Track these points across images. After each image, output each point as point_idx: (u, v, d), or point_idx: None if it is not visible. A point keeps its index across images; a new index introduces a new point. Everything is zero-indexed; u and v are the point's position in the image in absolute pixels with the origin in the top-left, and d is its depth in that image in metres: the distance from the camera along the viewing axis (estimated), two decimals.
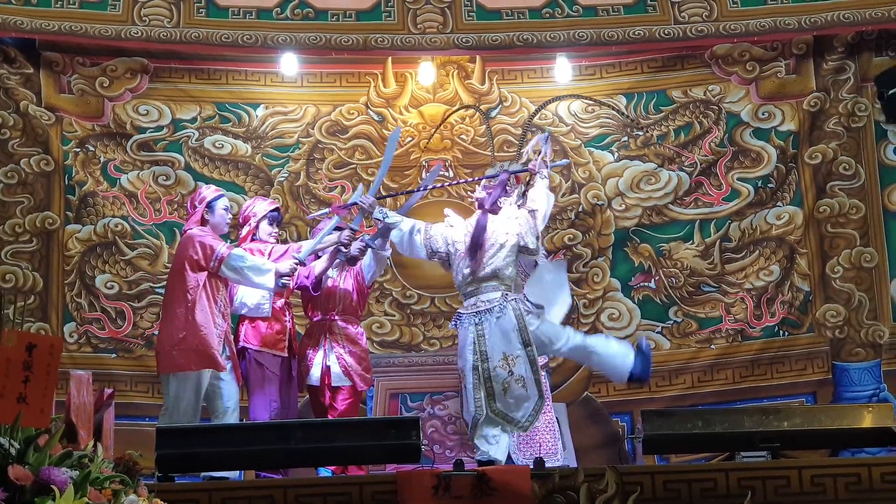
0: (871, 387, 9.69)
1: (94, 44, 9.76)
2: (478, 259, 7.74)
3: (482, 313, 7.68)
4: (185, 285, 7.83)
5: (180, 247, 8.07)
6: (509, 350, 7.59)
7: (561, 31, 9.92)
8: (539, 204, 7.96)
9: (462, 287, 7.84)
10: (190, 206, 8.23)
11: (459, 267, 7.82)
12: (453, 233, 7.88)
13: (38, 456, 3.89)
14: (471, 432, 7.65)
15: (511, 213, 7.88)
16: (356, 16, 9.96)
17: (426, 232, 7.91)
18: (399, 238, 7.97)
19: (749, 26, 9.90)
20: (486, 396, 7.54)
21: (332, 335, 8.32)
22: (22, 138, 9.70)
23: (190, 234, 8.00)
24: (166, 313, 8.01)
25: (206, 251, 7.85)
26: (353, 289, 8.44)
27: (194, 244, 7.89)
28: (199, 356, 7.77)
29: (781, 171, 10.06)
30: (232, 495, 6.80)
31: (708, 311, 9.97)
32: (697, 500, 6.83)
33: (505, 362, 7.59)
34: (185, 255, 7.90)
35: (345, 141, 10.13)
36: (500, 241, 7.73)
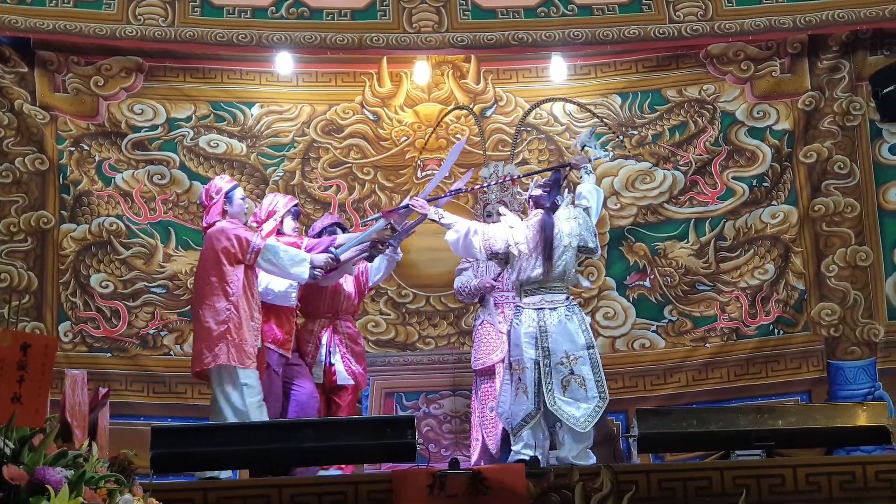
0: (867, 385, 9.69)
1: (89, 43, 9.74)
2: (550, 259, 7.85)
3: (545, 311, 7.81)
4: (224, 279, 7.69)
5: (211, 240, 7.83)
6: (572, 349, 7.72)
7: (556, 30, 9.92)
8: (592, 201, 8.08)
9: (524, 284, 7.92)
10: (206, 198, 8.05)
11: (525, 267, 7.89)
12: (514, 233, 7.97)
13: (32, 455, 3.89)
14: (517, 427, 7.73)
15: (568, 212, 7.98)
16: (351, 15, 9.96)
17: (485, 234, 7.98)
18: (455, 239, 8.01)
19: (744, 25, 9.91)
20: (547, 391, 7.63)
21: (337, 334, 8.35)
22: (16, 137, 9.68)
23: (221, 226, 7.86)
24: (205, 309, 7.74)
25: (242, 243, 7.75)
26: (354, 289, 8.47)
27: (229, 236, 7.77)
28: (240, 352, 7.64)
29: (776, 170, 10.07)
30: (227, 495, 6.80)
31: (703, 310, 9.97)
32: (692, 498, 6.84)
33: (567, 360, 7.72)
34: (220, 248, 7.75)
35: (340, 140, 10.12)
36: (564, 242, 7.87)
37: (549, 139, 10.17)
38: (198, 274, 8.01)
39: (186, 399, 9.61)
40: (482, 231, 7.97)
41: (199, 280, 7.95)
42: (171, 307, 9.76)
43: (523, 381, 7.67)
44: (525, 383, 7.67)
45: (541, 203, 8.03)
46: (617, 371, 9.30)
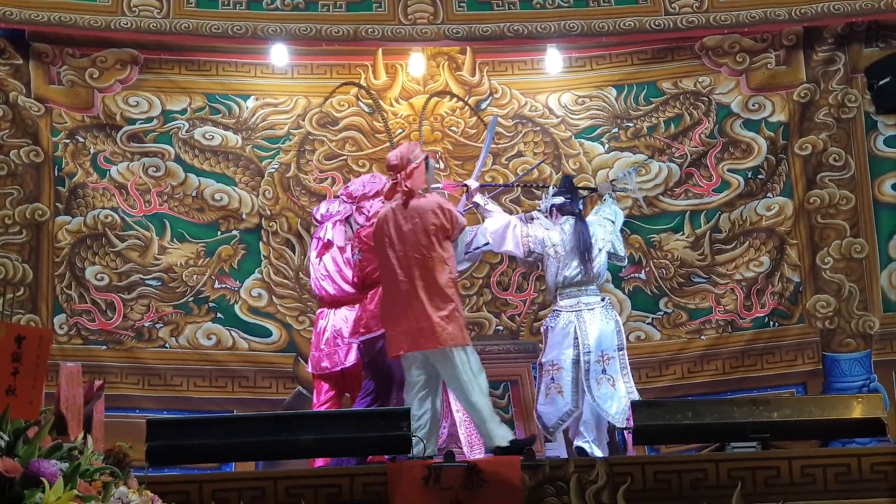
0: (862, 377, 9.70)
1: (84, 35, 9.74)
2: (590, 261, 8.19)
3: (583, 312, 8.15)
4: (446, 254, 7.24)
5: (426, 213, 7.27)
6: (607, 350, 8.08)
7: (551, 21, 9.92)
8: (615, 217, 8.61)
9: (561, 286, 8.18)
10: (401, 162, 7.38)
11: (560, 268, 8.20)
12: (551, 235, 8.28)
13: (27, 448, 3.88)
14: (553, 426, 7.96)
15: (597, 219, 8.44)
16: (346, 6, 9.95)
17: (524, 231, 8.19)
18: (495, 229, 8.23)
19: (739, 17, 9.92)
20: (588, 388, 7.94)
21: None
22: (11, 129, 9.67)
23: (437, 201, 7.39)
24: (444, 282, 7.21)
25: (455, 219, 7.33)
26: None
27: (444, 211, 7.30)
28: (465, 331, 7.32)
29: (771, 162, 10.07)
30: (222, 487, 6.80)
31: (698, 302, 9.98)
32: (687, 490, 6.84)
33: (601, 360, 8.07)
34: (437, 223, 7.27)
35: (335, 132, 10.12)
36: (599, 245, 8.29)
37: (544, 131, 10.16)
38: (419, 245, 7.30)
39: (182, 391, 9.62)
40: (521, 228, 8.13)
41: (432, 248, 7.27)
42: (167, 300, 9.76)
43: (556, 382, 7.89)
44: (559, 383, 7.88)
45: (567, 209, 8.38)
46: None
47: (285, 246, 9.88)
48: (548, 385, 8.09)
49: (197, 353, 9.73)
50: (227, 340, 9.78)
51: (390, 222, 7.34)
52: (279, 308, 9.85)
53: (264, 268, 9.90)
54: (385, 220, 7.38)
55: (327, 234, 8.42)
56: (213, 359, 9.74)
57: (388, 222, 7.35)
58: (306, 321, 9.74)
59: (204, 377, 9.70)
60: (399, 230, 7.30)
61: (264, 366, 9.75)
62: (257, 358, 9.78)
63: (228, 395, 9.67)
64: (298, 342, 9.71)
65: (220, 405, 9.57)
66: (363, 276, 7.92)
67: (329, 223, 8.43)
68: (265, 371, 9.74)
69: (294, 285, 9.87)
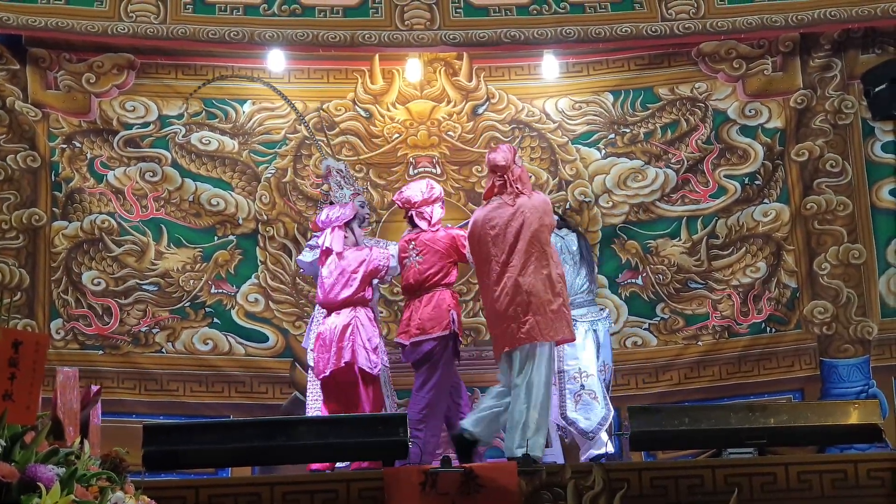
0: (860, 383, 9.69)
1: (81, 40, 9.73)
2: (594, 274, 8.68)
3: (596, 322, 8.51)
4: (552, 251, 7.53)
5: (541, 213, 7.51)
6: (606, 358, 8.51)
7: (548, 27, 9.93)
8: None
9: (573, 296, 8.32)
10: (507, 163, 7.60)
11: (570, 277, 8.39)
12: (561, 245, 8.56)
13: (24, 453, 3.88)
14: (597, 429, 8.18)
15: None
16: (343, 12, 9.96)
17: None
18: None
19: (736, 24, 9.92)
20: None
21: None
22: (8, 134, 9.67)
23: (546, 199, 7.76)
24: (553, 277, 7.41)
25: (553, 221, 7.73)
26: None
27: (552, 210, 7.73)
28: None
29: (768, 168, 10.07)
30: (218, 492, 6.80)
31: (695, 308, 9.97)
32: (684, 496, 6.85)
33: (604, 369, 8.48)
34: (548, 222, 7.55)
35: (332, 137, 10.11)
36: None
37: (541, 137, 10.17)
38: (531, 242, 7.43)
39: (178, 396, 9.62)
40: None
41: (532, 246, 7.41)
42: (163, 304, 9.75)
43: (588, 388, 8.01)
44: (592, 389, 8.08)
45: (572, 226, 8.93)
46: None
47: (282, 251, 9.88)
48: (578, 392, 8.20)
49: (193, 358, 9.72)
50: (224, 345, 9.77)
51: (496, 221, 7.50)
52: (276, 313, 9.84)
53: (261, 273, 9.89)
54: (488, 220, 7.54)
55: (325, 241, 8.46)
56: (210, 364, 9.73)
57: (493, 221, 7.51)
58: (303, 326, 9.72)
59: (200, 382, 9.69)
60: (507, 228, 7.44)
61: (261, 371, 9.74)
62: (254, 363, 9.77)
63: (225, 401, 9.66)
64: (295, 347, 9.70)
65: (216, 410, 9.56)
66: (422, 280, 8.20)
67: (328, 229, 8.49)
68: (262, 376, 9.73)
69: (291, 290, 9.87)
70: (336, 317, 8.35)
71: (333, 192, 8.90)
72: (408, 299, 8.39)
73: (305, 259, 8.97)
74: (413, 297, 8.29)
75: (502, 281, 7.38)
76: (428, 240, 8.27)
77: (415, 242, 8.34)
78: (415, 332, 8.11)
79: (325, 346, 8.28)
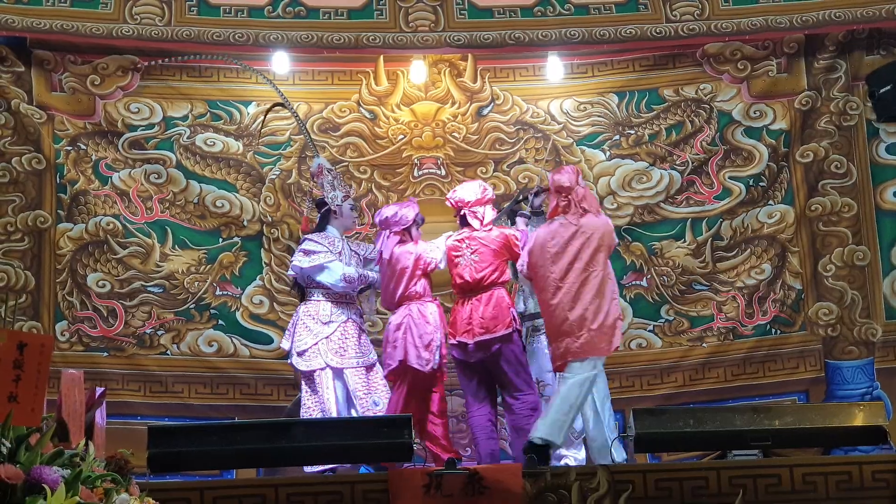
0: (864, 385, 9.69)
1: (86, 42, 9.73)
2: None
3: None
4: (609, 270, 7.82)
5: (602, 233, 7.80)
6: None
7: (553, 29, 9.92)
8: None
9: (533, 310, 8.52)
10: (573, 184, 7.90)
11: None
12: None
13: (29, 455, 3.88)
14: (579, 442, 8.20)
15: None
16: (348, 14, 9.95)
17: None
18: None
19: (740, 25, 9.92)
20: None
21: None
22: (13, 137, 9.67)
23: (608, 221, 8.06)
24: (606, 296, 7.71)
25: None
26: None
27: (612, 232, 7.98)
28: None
29: (773, 170, 10.06)
30: (223, 494, 6.81)
31: (700, 310, 9.96)
32: (689, 498, 6.85)
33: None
34: (608, 242, 7.85)
35: (336, 139, 10.11)
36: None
37: (545, 138, 10.16)
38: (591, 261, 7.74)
39: (183, 398, 9.62)
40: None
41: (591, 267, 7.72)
42: (168, 307, 9.75)
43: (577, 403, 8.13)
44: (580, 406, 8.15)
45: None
46: (613, 371, 9.26)
47: (287, 253, 9.86)
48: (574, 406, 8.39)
49: (198, 360, 9.72)
50: (229, 347, 9.78)
51: (556, 240, 7.74)
52: (280, 315, 9.83)
53: (266, 275, 9.90)
54: (549, 237, 7.77)
55: (380, 243, 8.56)
56: (215, 366, 9.73)
57: (554, 240, 7.75)
58: None
59: (205, 384, 9.70)
60: (567, 246, 7.69)
61: (266, 373, 9.74)
62: (259, 365, 9.77)
63: (230, 402, 9.67)
64: None
65: (221, 412, 9.56)
66: (479, 279, 8.23)
67: (385, 232, 8.52)
68: (266, 378, 9.72)
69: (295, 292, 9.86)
70: (393, 315, 8.42)
71: (325, 193, 8.85)
72: (461, 298, 8.36)
73: (302, 265, 8.67)
74: (468, 296, 8.27)
75: (558, 297, 7.63)
76: (482, 239, 8.31)
77: (468, 241, 8.35)
78: (479, 331, 8.11)
79: (386, 342, 8.41)
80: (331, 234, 8.75)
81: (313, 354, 8.44)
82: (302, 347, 8.47)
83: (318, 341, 8.45)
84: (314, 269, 8.58)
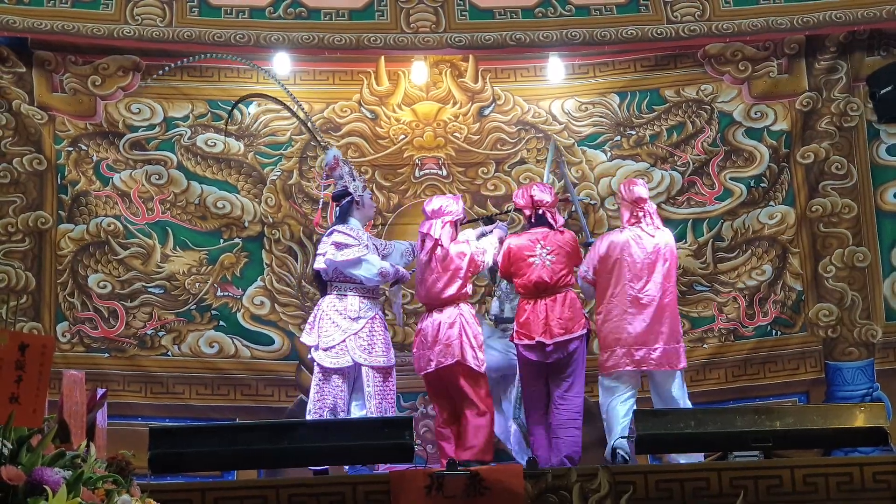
0: (865, 386, 9.69)
1: (87, 43, 9.74)
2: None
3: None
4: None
5: (670, 246, 8.28)
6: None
7: (553, 30, 9.92)
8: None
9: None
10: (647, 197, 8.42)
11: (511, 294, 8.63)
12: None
13: (30, 456, 3.89)
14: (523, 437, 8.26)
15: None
16: (349, 15, 9.96)
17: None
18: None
19: (741, 26, 9.92)
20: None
21: None
22: (14, 137, 9.67)
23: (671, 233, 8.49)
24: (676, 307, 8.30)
25: None
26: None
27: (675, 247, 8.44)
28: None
29: (774, 171, 10.07)
30: (224, 495, 6.80)
31: (700, 311, 9.96)
32: (690, 499, 6.85)
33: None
34: (675, 256, 8.35)
35: (338, 139, 10.11)
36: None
37: (547, 138, 10.16)
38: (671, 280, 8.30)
39: (184, 399, 9.62)
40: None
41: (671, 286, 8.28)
42: (169, 307, 9.75)
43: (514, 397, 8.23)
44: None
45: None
46: None
47: (288, 254, 9.88)
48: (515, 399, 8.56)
49: (199, 360, 9.72)
50: (230, 348, 9.78)
51: (634, 249, 8.14)
52: (281, 316, 9.84)
53: (266, 276, 9.89)
54: (629, 245, 8.16)
55: (435, 233, 8.22)
56: (216, 367, 9.73)
57: (631, 248, 8.15)
58: None
59: (206, 385, 9.70)
60: (645, 258, 8.13)
61: (267, 374, 9.74)
62: (260, 366, 9.77)
63: (231, 403, 9.66)
64: (301, 350, 9.70)
65: (222, 413, 9.56)
66: (555, 279, 8.22)
67: (437, 221, 8.25)
68: (267, 379, 9.73)
69: (296, 293, 9.87)
70: (439, 314, 8.10)
71: (347, 183, 8.56)
72: (533, 299, 8.23)
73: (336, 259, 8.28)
74: (541, 297, 8.19)
75: (637, 306, 8.07)
76: (558, 241, 8.27)
77: (544, 242, 8.26)
78: (559, 331, 8.09)
79: (425, 342, 8.08)
80: (354, 226, 8.46)
81: (341, 351, 8.18)
82: (329, 343, 8.18)
83: (346, 338, 8.19)
84: (349, 262, 8.27)
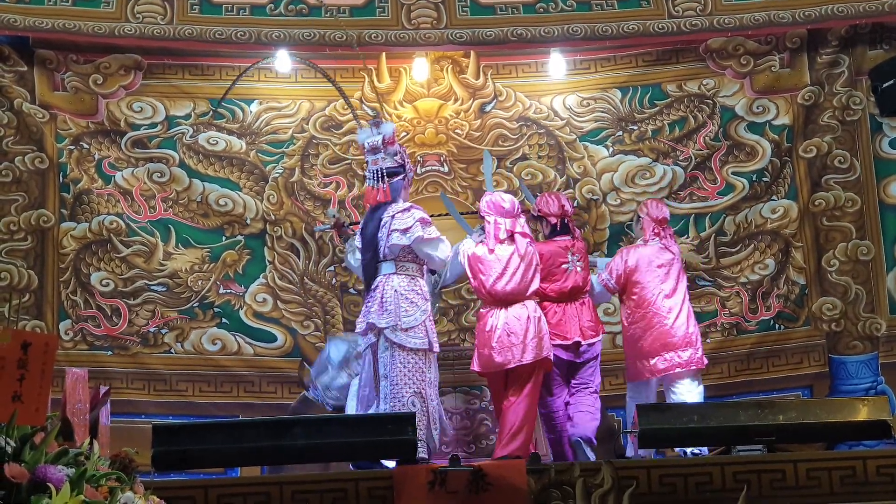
0: (869, 380, 9.68)
1: (88, 41, 9.74)
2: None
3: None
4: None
5: (683, 259, 8.76)
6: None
7: (555, 25, 9.92)
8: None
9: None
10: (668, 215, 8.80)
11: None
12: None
13: (34, 454, 3.88)
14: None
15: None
16: (350, 12, 9.95)
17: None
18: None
19: (743, 20, 9.92)
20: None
21: None
22: (16, 136, 9.68)
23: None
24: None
25: None
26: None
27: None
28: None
29: (776, 165, 10.06)
30: (227, 492, 6.80)
31: (703, 306, 9.95)
32: (693, 494, 6.84)
33: None
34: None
35: (339, 136, 10.11)
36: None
37: (548, 134, 10.16)
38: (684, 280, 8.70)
39: (187, 397, 9.63)
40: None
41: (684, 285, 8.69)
42: (172, 305, 9.76)
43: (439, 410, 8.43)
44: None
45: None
46: (618, 367, 9.25)
47: (290, 251, 9.89)
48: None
49: (202, 358, 9.73)
50: (233, 345, 9.79)
51: (661, 261, 8.52)
52: (284, 313, 9.85)
53: (269, 273, 9.90)
54: (655, 257, 8.52)
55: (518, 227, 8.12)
56: (219, 364, 9.74)
57: (659, 260, 8.52)
58: (311, 326, 9.77)
59: (209, 382, 9.71)
60: (670, 269, 8.54)
61: (269, 371, 9.75)
62: (262, 363, 9.78)
63: (234, 400, 9.68)
64: (303, 347, 9.73)
65: (225, 410, 9.57)
66: (582, 286, 8.46)
67: (521, 219, 8.20)
68: (270, 376, 9.74)
69: (299, 290, 9.87)
70: (521, 308, 7.97)
71: (405, 161, 8.17)
72: (562, 302, 8.35)
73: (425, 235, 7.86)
74: (570, 302, 8.39)
75: (673, 314, 8.44)
76: (581, 249, 8.51)
77: (573, 249, 8.42)
78: (590, 333, 8.36)
79: (523, 335, 7.88)
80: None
81: (420, 331, 7.76)
82: (410, 324, 7.73)
83: (424, 319, 7.82)
84: (434, 241, 7.91)
